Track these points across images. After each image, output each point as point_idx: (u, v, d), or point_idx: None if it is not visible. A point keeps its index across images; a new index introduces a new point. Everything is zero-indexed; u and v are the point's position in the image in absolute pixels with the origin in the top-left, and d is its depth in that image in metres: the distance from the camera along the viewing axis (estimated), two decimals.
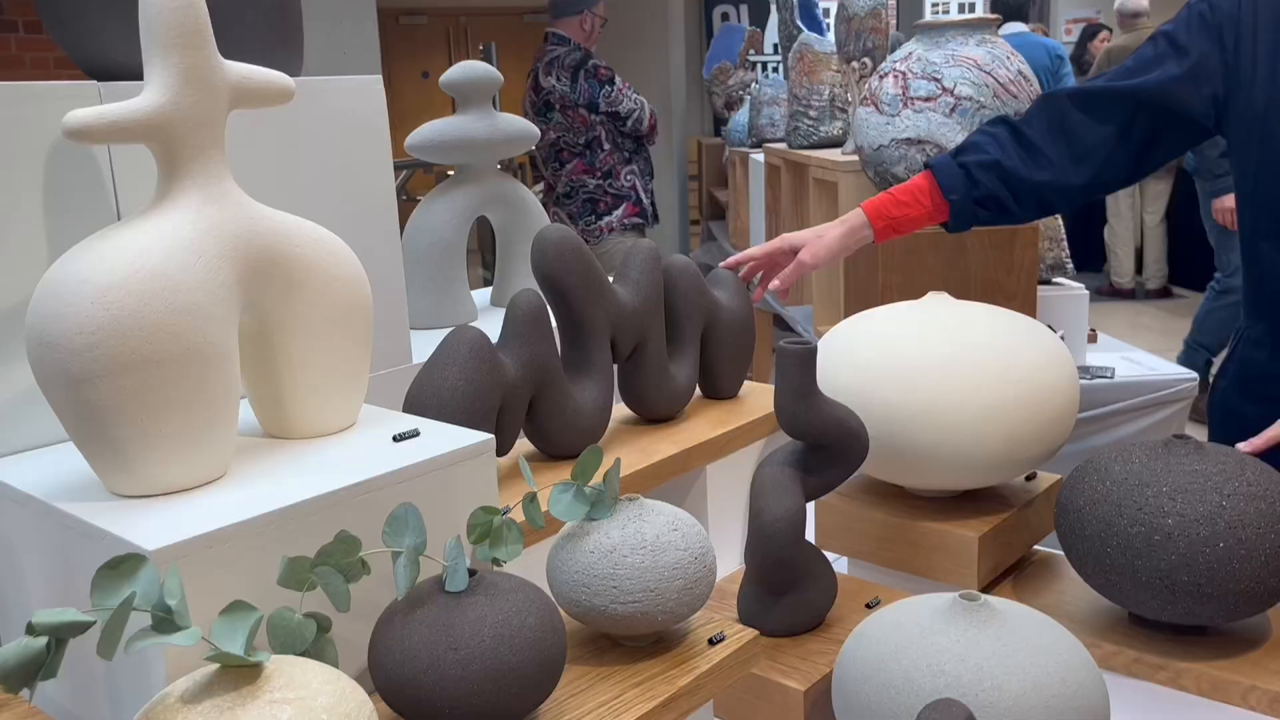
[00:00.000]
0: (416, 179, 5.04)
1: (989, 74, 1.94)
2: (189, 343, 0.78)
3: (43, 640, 0.59)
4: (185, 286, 0.79)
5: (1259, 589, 1.00)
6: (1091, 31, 7.55)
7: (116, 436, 0.77)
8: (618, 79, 3.90)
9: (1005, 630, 0.85)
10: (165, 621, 0.63)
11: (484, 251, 4.77)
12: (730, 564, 1.27)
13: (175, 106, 0.81)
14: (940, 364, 1.11)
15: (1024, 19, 5.50)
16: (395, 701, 0.74)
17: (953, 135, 1.92)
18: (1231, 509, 1.00)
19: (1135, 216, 6.68)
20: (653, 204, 4.12)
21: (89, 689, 0.80)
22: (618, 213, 4.00)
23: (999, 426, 1.10)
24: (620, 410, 1.35)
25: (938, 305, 1.20)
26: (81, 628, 0.60)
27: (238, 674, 0.64)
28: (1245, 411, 1.27)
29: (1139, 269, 6.80)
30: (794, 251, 1.43)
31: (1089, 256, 7.80)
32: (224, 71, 0.85)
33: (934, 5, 8.22)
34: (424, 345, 1.21)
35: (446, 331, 1.11)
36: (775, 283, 1.41)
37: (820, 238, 1.42)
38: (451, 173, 1.59)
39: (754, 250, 1.46)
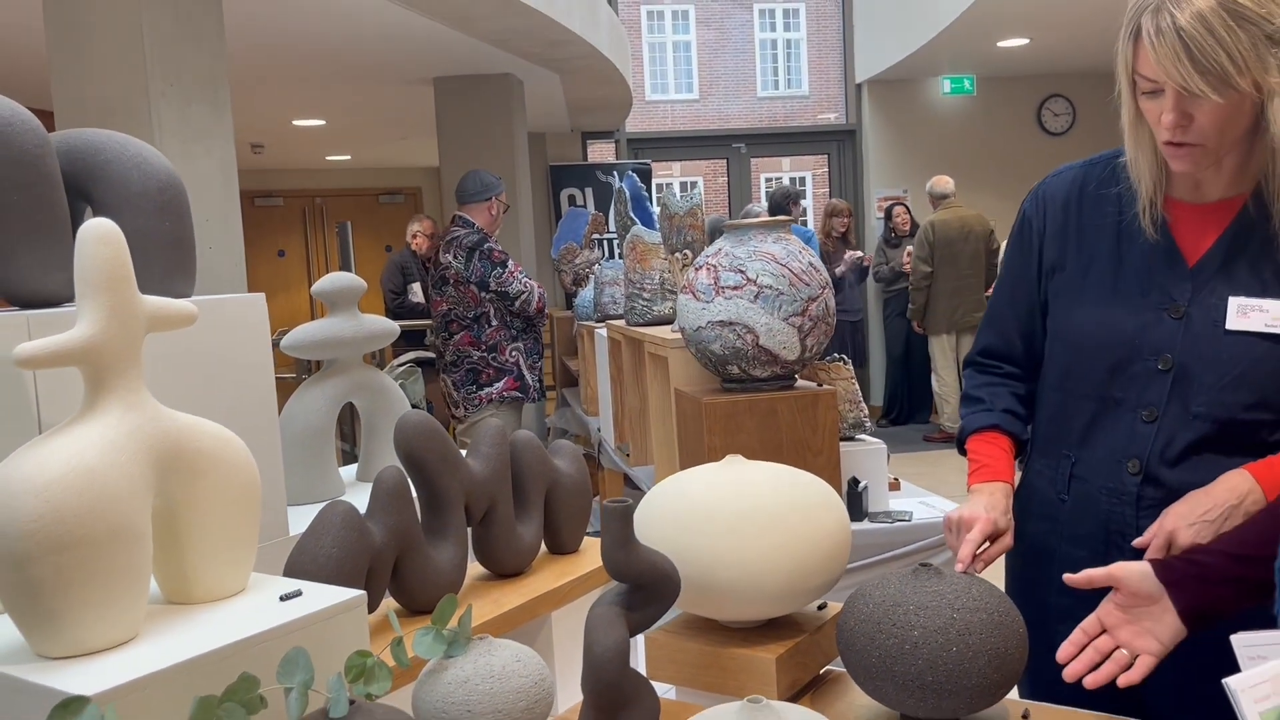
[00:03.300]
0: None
1: (785, 266, 2.30)
2: (113, 525, 0.96)
3: None
4: (111, 479, 0.97)
5: (987, 684, 1.27)
6: (889, 211, 8.51)
7: (50, 606, 0.94)
8: (510, 262, 4.23)
9: None
10: None
11: (340, 426, 4.91)
12: (574, 697, 1.46)
13: (103, 336, 1.01)
14: (733, 514, 1.37)
15: (787, 212, 6.90)
16: None
17: (757, 318, 2.25)
18: (961, 620, 1.27)
19: (959, 365, 7.35)
20: (539, 381, 4.38)
21: None
22: (498, 385, 4.25)
23: (782, 563, 1.36)
24: (475, 568, 1.55)
25: (733, 466, 1.47)
26: None
27: None
28: (1026, 529, 1.53)
29: None
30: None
31: (919, 407, 8.45)
32: (142, 305, 1.06)
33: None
34: (298, 518, 1.40)
35: (319, 505, 1.30)
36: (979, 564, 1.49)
37: (993, 509, 1.50)
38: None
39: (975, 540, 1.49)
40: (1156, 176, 1.40)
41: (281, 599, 1.09)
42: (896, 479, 2.78)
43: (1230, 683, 0.96)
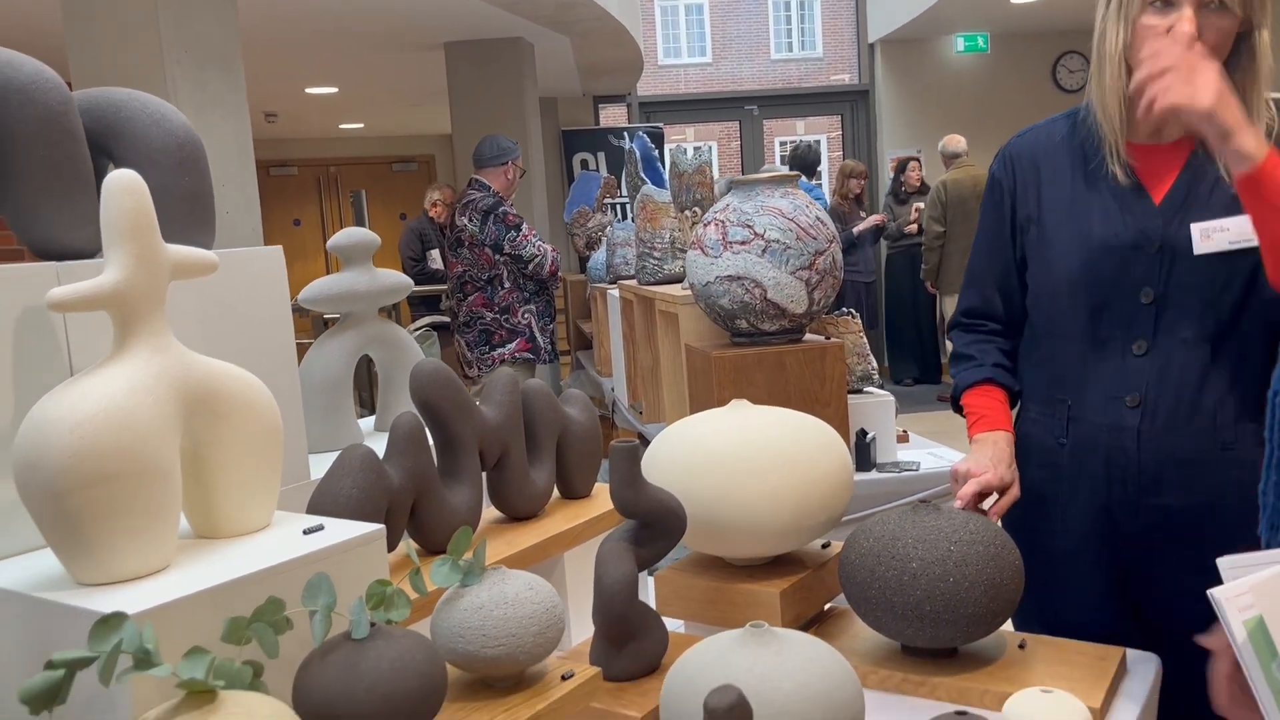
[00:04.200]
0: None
1: (792, 220, 2.33)
2: (143, 461, 1.02)
3: (61, 672, 0.81)
4: (140, 418, 1.02)
5: (983, 613, 1.31)
6: (903, 165, 8.43)
7: (87, 537, 0.99)
8: (524, 226, 4.27)
9: (783, 648, 1.12)
10: (144, 660, 0.85)
11: (359, 389, 4.99)
12: (586, 632, 1.52)
13: (130, 282, 1.06)
14: (738, 455, 1.42)
15: (811, 175, 6.93)
16: None
17: (765, 272, 2.29)
18: (958, 552, 1.32)
19: None
20: (551, 344, 4.43)
21: None
22: (511, 345, 4.31)
23: (785, 502, 1.40)
24: (490, 512, 1.60)
25: (738, 409, 1.51)
26: (87, 662, 0.82)
27: (197, 700, 0.86)
28: (1024, 476, 1.58)
29: None
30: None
31: (933, 368, 8.44)
32: (165, 252, 1.11)
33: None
34: (319, 465, 1.45)
35: (338, 452, 1.35)
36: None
37: (998, 463, 1.54)
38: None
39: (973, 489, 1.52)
40: (1123, 119, 1.46)
41: (304, 533, 1.14)
42: (905, 431, 2.82)
43: (1215, 593, 1.00)
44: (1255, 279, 1.41)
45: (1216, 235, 1.41)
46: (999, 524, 1.45)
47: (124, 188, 1.06)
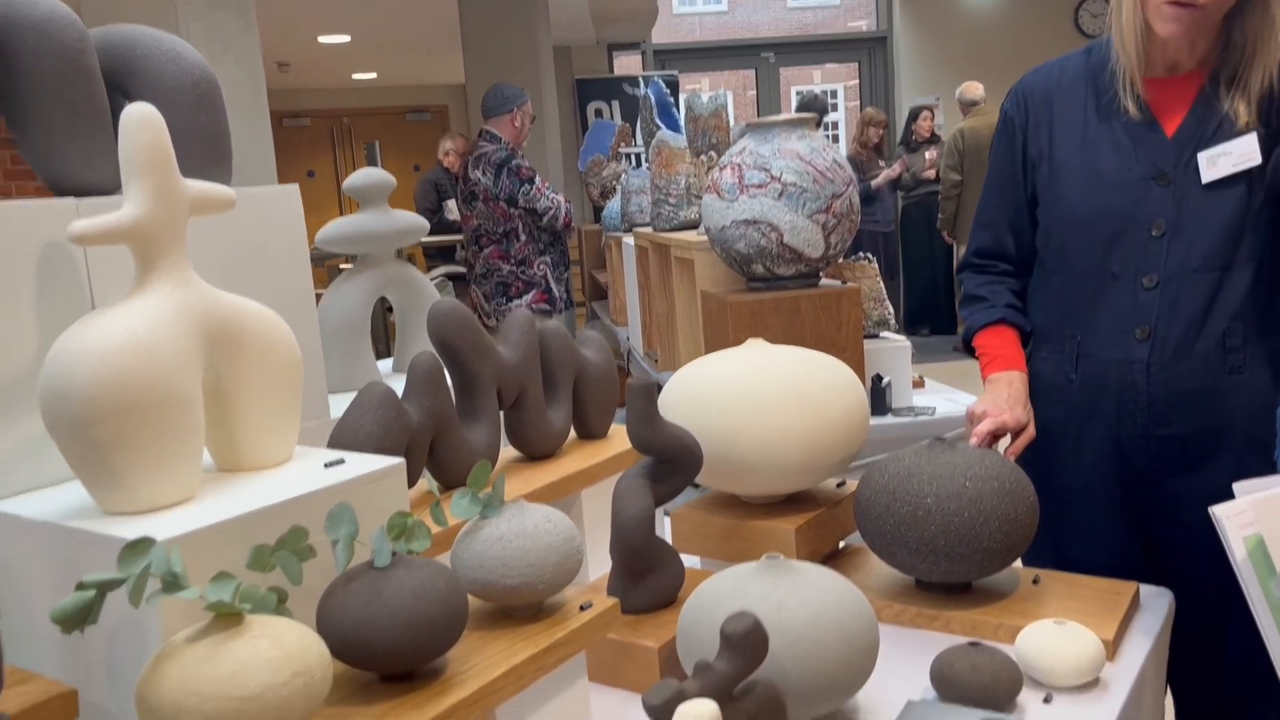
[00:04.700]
0: None
1: (809, 163, 2.31)
2: (166, 393, 1.03)
3: (92, 592, 0.83)
4: (163, 351, 1.04)
5: (997, 548, 1.32)
6: (914, 114, 8.32)
7: (113, 466, 1.01)
8: (538, 179, 4.26)
9: (798, 579, 1.14)
10: (173, 583, 0.87)
11: (373, 339, 5.02)
12: (601, 570, 1.54)
13: (150, 216, 1.06)
14: (753, 392, 1.42)
15: (818, 126, 6.63)
16: (338, 649, 0.98)
17: (781, 215, 2.27)
18: (973, 488, 1.33)
19: None
20: (566, 293, 4.44)
21: (89, 666, 1.02)
22: (527, 297, 4.32)
23: (800, 439, 1.41)
24: (508, 452, 1.61)
25: (753, 349, 1.52)
26: (117, 584, 0.84)
27: (224, 622, 0.88)
28: (1035, 415, 1.58)
29: None
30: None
31: (949, 320, 8.41)
32: (184, 187, 1.11)
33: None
34: (338, 405, 1.46)
35: (355, 393, 1.36)
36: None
37: (1014, 403, 1.55)
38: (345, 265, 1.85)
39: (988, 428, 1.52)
40: (1139, 53, 1.46)
41: (326, 466, 1.16)
42: (921, 377, 2.81)
43: (1215, 510, 1.00)
44: (1260, 204, 1.43)
45: (1221, 160, 1.42)
46: (1011, 461, 1.45)
47: (141, 121, 1.06)
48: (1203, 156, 1.44)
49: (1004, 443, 1.54)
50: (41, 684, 0.94)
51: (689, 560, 1.52)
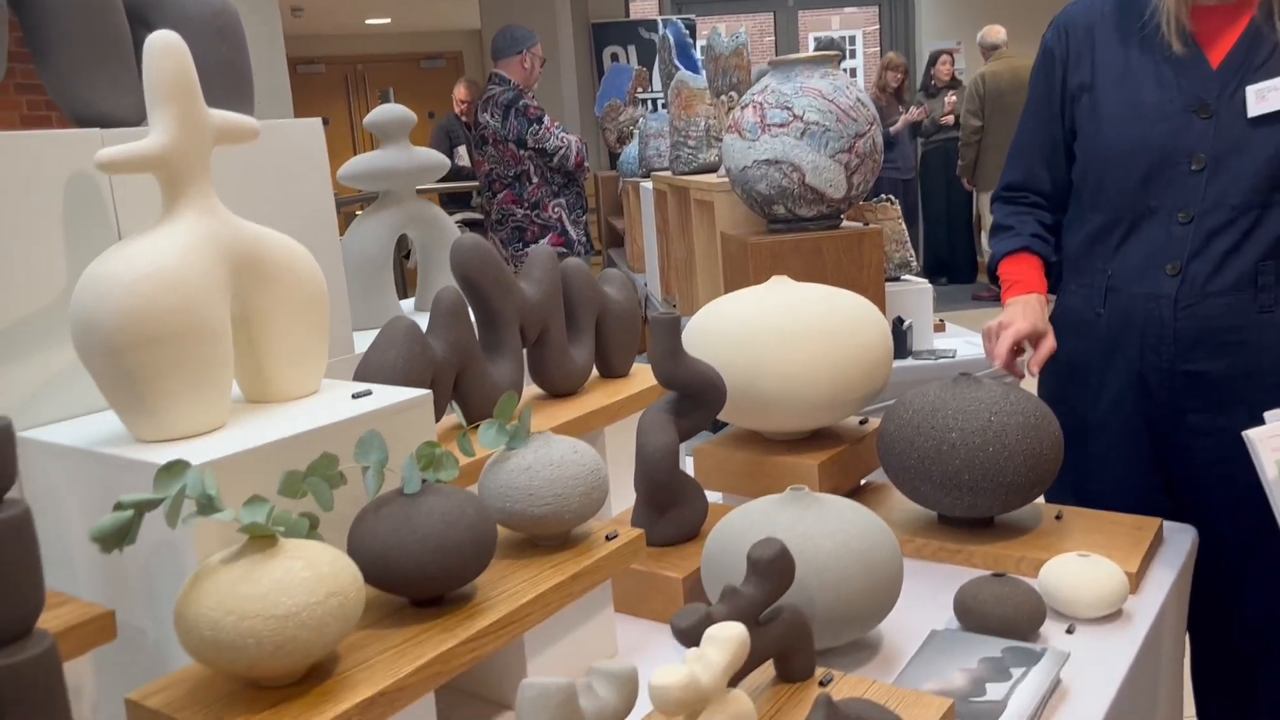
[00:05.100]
0: None
1: (832, 102, 2.28)
2: (195, 321, 1.03)
3: (129, 512, 0.84)
4: (190, 280, 1.04)
5: (1021, 482, 1.32)
6: (933, 58, 8.17)
7: (144, 393, 1.02)
8: (546, 118, 4.21)
9: (823, 510, 1.14)
10: (207, 506, 0.88)
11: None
12: (623, 505, 1.55)
13: (175, 145, 1.06)
14: (777, 328, 1.42)
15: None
16: (369, 574, 0.99)
17: (803, 155, 2.25)
18: (998, 423, 1.32)
19: None
20: (585, 236, 4.41)
21: (125, 589, 1.03)
22: (543, 242, 4.30)
23: (824, 375, 1.41)
24: (530, 389, 1.62)
25: (778, 285, 1.51)
26: (154, 504, 0.85)
27: (259, 544, 0.89)
28: (1061, 348, 1.57)
29: None
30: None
31: (968, 268, 8.35)
32: (208, 116, 1.11)
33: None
34: (361, 342, 1.47)
35: (379, 330, 1.36)
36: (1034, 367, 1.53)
37: (1029, 314, 1.55)
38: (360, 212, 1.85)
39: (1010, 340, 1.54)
40: None
41: (353, 397, 1.16)
42: (942, 320, 2.80)
43: (1249, 433, 1.00)
44: None
45: (1271, 95, 1.38)
46: (1036, 396, 1.45)
47: (165, 48, 1.05)
48: (1251, 90, 1.40)
49: (1024, 358, 1.54)
50: (79, 606, 0.96)
51: (711, 497, 1.53)
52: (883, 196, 2.66)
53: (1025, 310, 1.55)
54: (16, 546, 0.71)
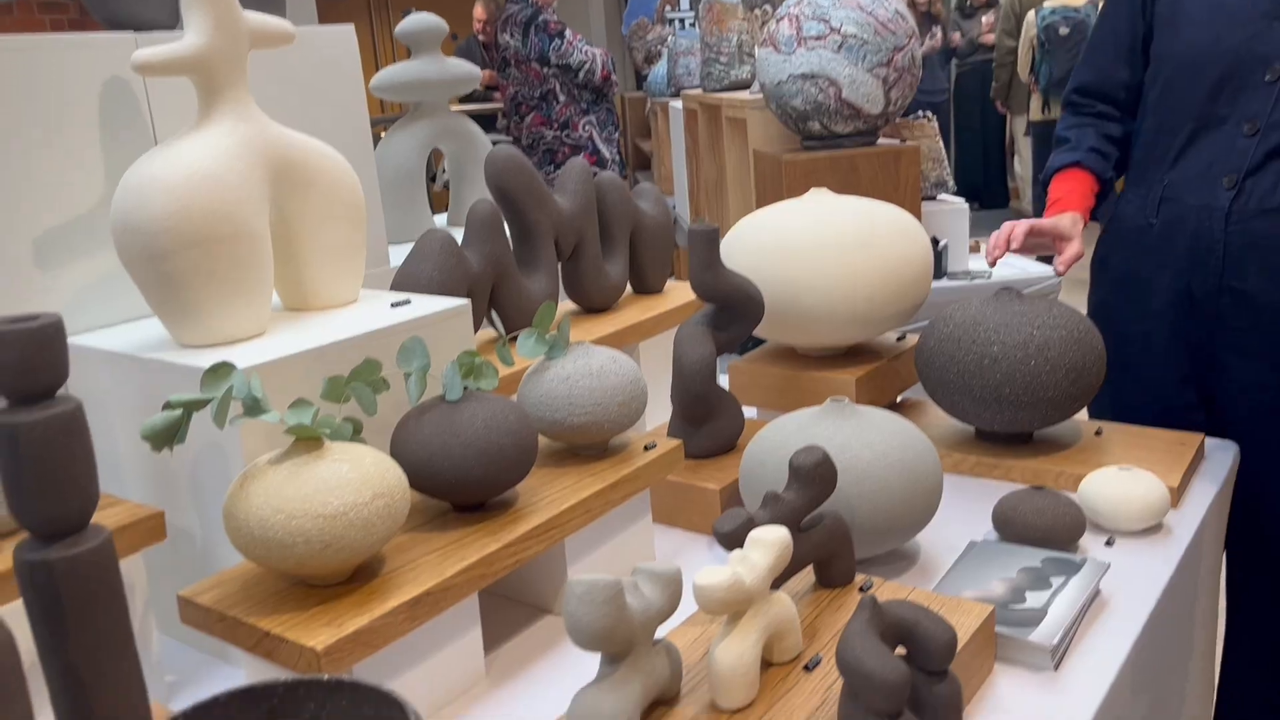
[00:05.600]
0: None
1: (870, 14, 2.22)
2: (235, 226, 1.03)
3: (179, 412, 0.84)
4: (230, 184, 1.03)
5: (1062, 396, 1.31)
6: None
7: (186, 298, 1.02)
8: (568, 32, 4.10)
9: (863, 421, 1.14)
10: (254, 407, 0.88)
11: None
12: (657, 421, 1.55)
13: (211, 46, 1.05)
14: (814, 241, 1.40)
15: None
16: (413, 479, 1.00)
17: (840, 69, 2.20)
18: (1041, 337, 1.31)
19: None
20: (618, 154, 4.33)
21: (172, 492, 1.05)
22: None
23: (862, 289, 1.39)
24: (565, 305, 1.61)
25: (816, 197, 1.48)
26: (202, 404, 0.85)
27: (305, 446, 0.89)
28: (1111, 259, 1.56)
29: None
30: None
31: (1000, 193, 8.21)
32: (244, 18, 1.09)
33: None
34: (395, 256, 1.46)
35: (412, 244, 1.36)
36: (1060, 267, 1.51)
37: (1061, 222, 1.53)
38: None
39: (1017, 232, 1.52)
40: None
41: (392, 306, 1.16)
42: (977, 242, 2.76)
43: None
44: None
45: None
46: (1079, 311, 1.42)
47: None
48: None
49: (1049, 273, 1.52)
50: (130, 507, 0.97)
51: (746, 412, 1.53)
52: (920, 113, 2.60)
53: (1054, 219, 1.52)
54: (71, 440, 0.71)
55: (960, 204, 2.57)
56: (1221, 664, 1.58)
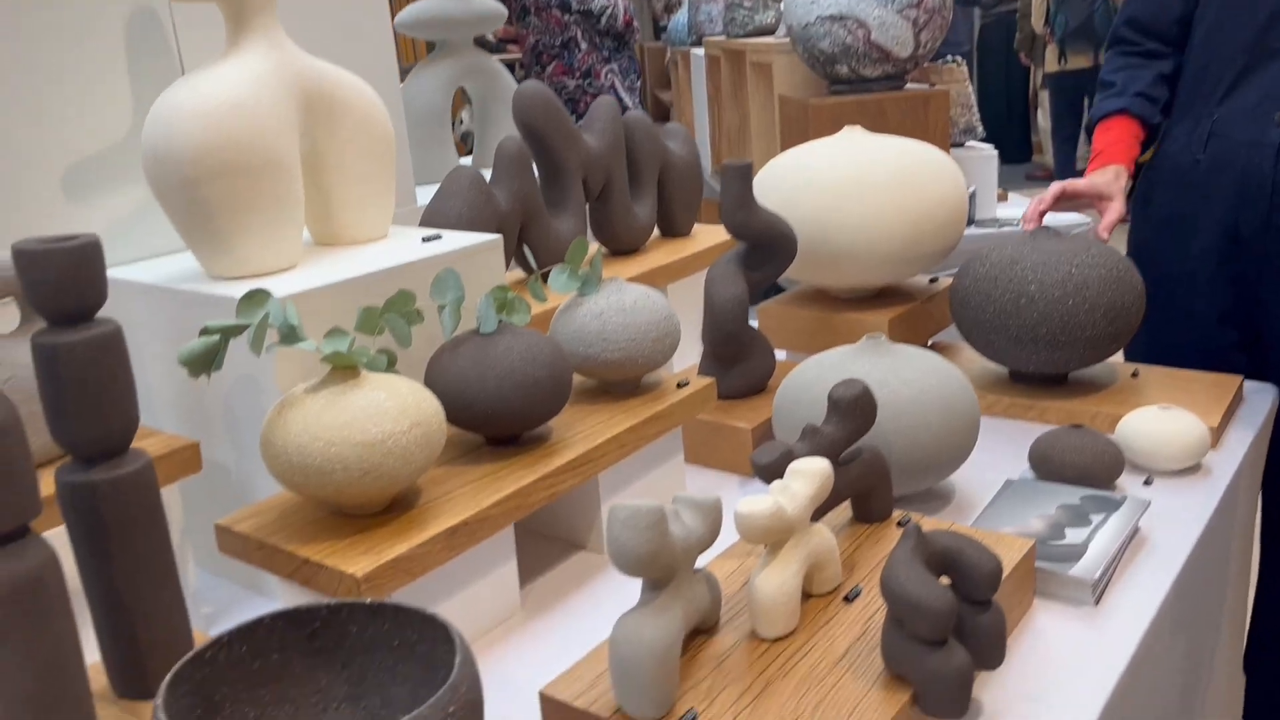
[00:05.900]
0: None
1: None
2: (266, 155, 1.02)
3: (215, 337, 0.84)
4: (260, 113, 1.02)
5: (1100, 336, 1.29)
6: None
7: (217, 228, 1.01)
8: None
9: (900, 357, 1.12)
10: (290, 335, 0.87)
11: None
12: (686, 363, 1.54)
13: None
14: (848, 178, 1.38)
15: None
16: (448, 412, 0.99)
17: (869, 10, 2.16)
18: (1079, 275, 1.28)
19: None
20: (639, 103, 4.26)
21: (207, 424, 1.04)
22: None
23: (897, 227, 1.37)
24: (593, 246, 1.59)
25: (850, 135, 1.46)
26: (239, 330, 0.85)
27: (342, 375, 0.88)
28: (1155, 197, 1.53)
29: None
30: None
31: (1024, 146, 8.10)
32: None
33: None
34: (421, 196, 1.44)
35: (437, 184, 1.34)
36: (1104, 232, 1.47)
37: (1094, 177, 1.50)
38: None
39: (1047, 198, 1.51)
40: None
41: (423, 240, 1.15)
42: (1005, 190, 2.72)
43: None
44: None
45: None
46: (1118, 251, 1.40)
47: None
48: None
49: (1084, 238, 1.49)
50: (165, 438, 0.97)
51: (776, 356, 1.51)
52: (949, 58, 2.55)
53: (1091, 177, 1.48)
54: (111, 363, 0.71)
55: (989, 150, 2.54)
56: (1254, 604, 1.57)
